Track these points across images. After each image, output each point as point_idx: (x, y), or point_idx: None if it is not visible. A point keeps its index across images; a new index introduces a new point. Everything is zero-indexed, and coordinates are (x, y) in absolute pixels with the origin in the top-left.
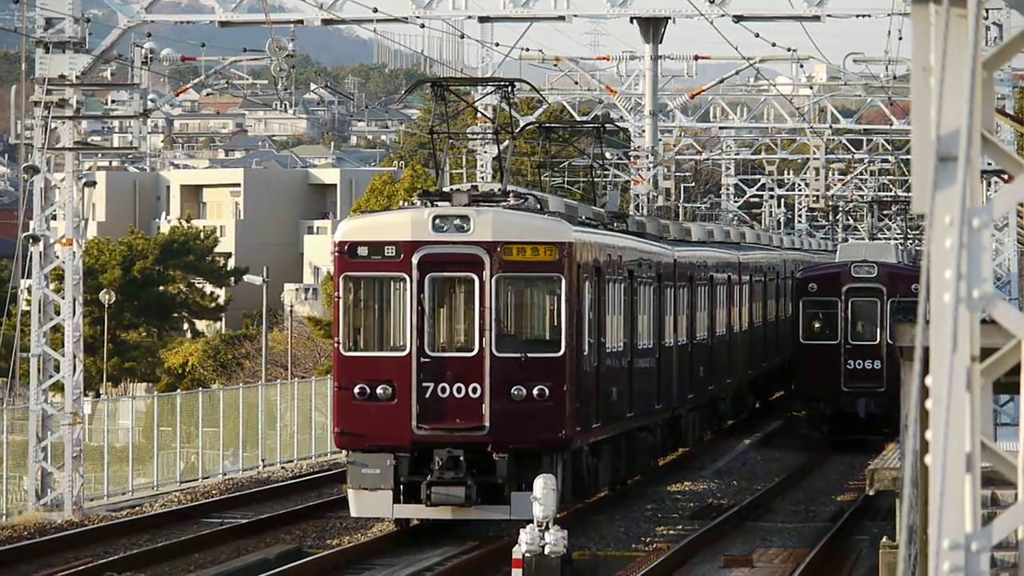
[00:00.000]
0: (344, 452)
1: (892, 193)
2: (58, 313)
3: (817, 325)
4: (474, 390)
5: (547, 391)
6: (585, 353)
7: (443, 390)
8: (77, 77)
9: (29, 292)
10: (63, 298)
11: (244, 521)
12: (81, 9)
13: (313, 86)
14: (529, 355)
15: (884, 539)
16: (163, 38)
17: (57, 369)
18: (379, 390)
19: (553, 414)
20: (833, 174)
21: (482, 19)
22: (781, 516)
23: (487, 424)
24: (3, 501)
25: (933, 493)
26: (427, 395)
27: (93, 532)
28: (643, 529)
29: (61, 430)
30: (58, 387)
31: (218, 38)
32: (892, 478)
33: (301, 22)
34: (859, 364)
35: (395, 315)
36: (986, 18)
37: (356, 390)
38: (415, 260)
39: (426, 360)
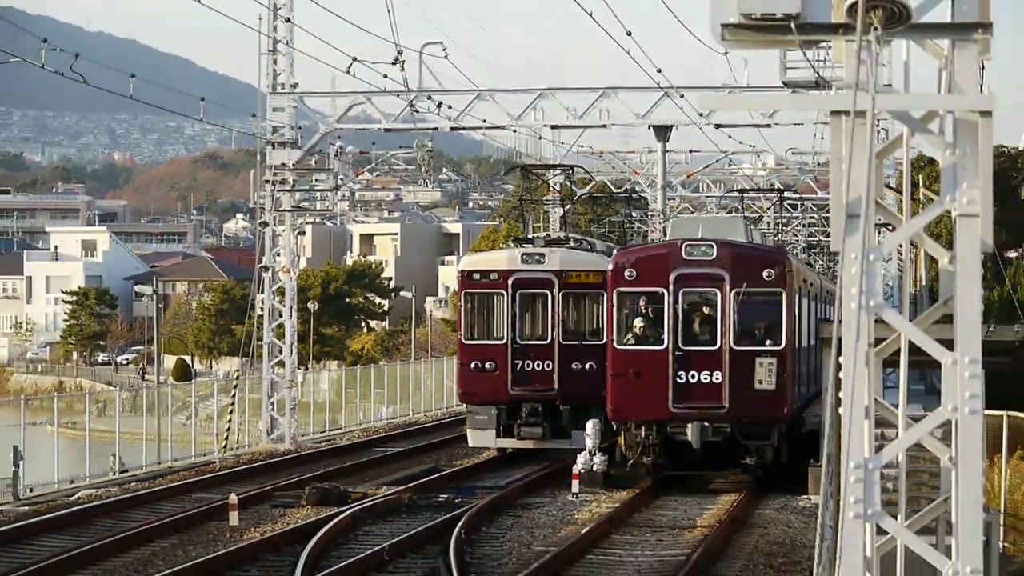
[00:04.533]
0: (464, 405)
1: (817, 239)
2: (280, 316)
3: (637, 325)
4: (548, 365)
5: (595, 365)
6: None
7: (527, 365)
8: (292, 165)
9: (262, 303)
10: (284, 306)
11: (400, 449)
12: (295, 121)
13: (444, 170)
14: (584, 342)
15: (811, 460)
16: (348, 138)
17: (280, 352)
18: (487, 365)
19: (598, 380)
20: (778, 226)
21: (553, 127)
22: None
23: (556, 387)
24: (247, 437)
25: (844, 432)
26: (517, 368)
27: (303, 456)
28: None
29: (283, 391)
30: (280, 364)
31: (384, 138)
32: (817, 423)
33: (436, 128)
34: (692, 377)
35: (497, 317)
36: (877, 125)
37: (472, 365)
38: (510, 281)
39: (517, 346)
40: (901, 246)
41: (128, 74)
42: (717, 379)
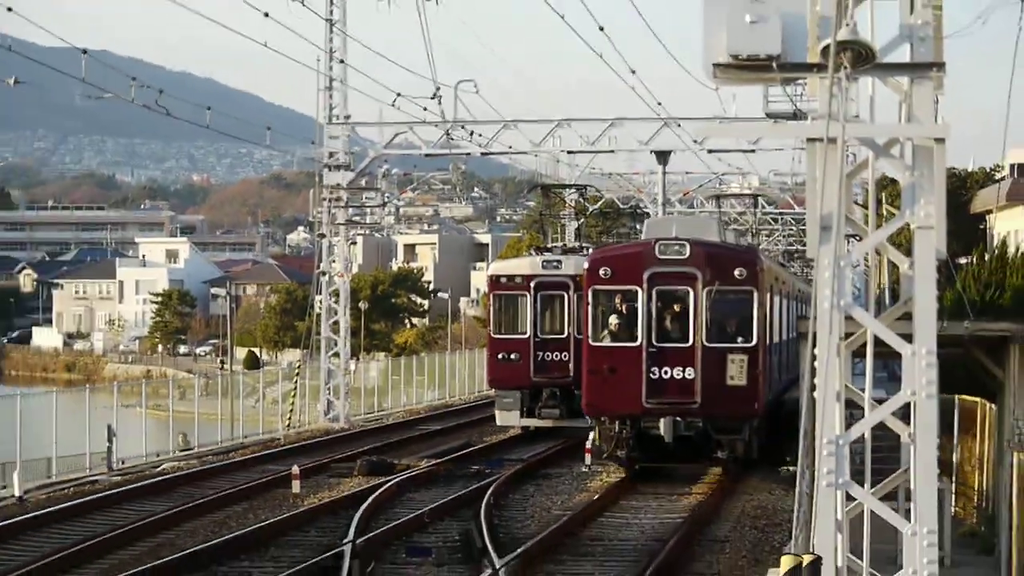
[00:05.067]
0: (493, 390)
1: (796, 247)
2: (336, 314)
3: (611, 322)
4: (564, 356)
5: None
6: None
7: (547, 356)
8: (346, 185)
9: (320, 303)
10: (339, 305)
11: (438, 427)
12: (348, 147)
13: (476, 189)
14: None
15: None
16: (393, 162)
17: (335, 345)
18: (512, 355)
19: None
20: (761, 236)
21: (568, 152)
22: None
23: (571, 375)
24: (307, 417)
25: (818, 412)
26: (539, 359)
27: (355, 434)
28: None
29: (338, 378)
30: (336, 355)
31: (424, 162)
32: (796, 404)
33: (469, 153)
34: (665, 373)
35: (521, 315)
36: (847, 150)
37: (500, 356)
38: (532, 284)
39: (538, 340)
40: (868, 254)
41: (205, 107)
42: (690, 375)
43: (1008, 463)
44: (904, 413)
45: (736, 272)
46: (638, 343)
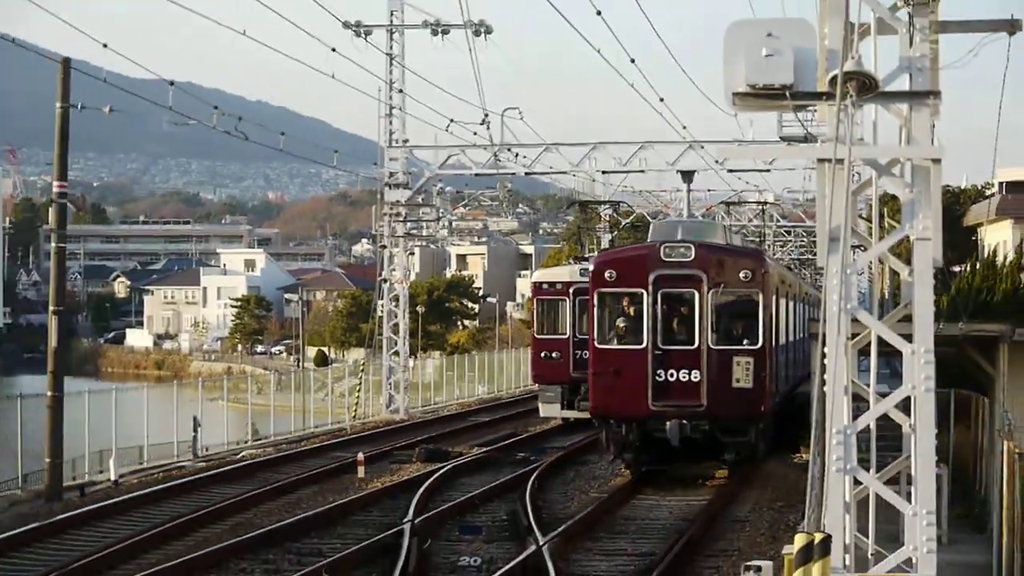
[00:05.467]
0: (536, 384)
1: (807, 256)
2: (396, 317)
3: (618, 324)
4: None
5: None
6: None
7: (585, 354)
8: (404, 202)
9: (382, 307)
10: (398, 309)
11: (487, 419)
12: (406, 168)
13: (520, 205)
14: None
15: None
16: (446, 181)
17: (395, 344)
18: (554, 354)
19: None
20: (776, 246)
21: (603, 172)
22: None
23: None
24: (371, 409)
25: (828, 405)
26: (577, 356)
27: (414, 424)
28: None
29: (398, 374)
30: (396, 353)
31: (474, 181)
32: (807, 399)
33: (514, 173)
34: (671, 375)
35: (561, 318)
36: (853, 170)
37: (542, 354)
38: (571, 290)
39: (576, 339)
40: (871, 263)
41: (279, 132)
42: (695, 377)
43: (999, 450)
44: (905, 406)
45: (741, 274)
46: (643, 345)
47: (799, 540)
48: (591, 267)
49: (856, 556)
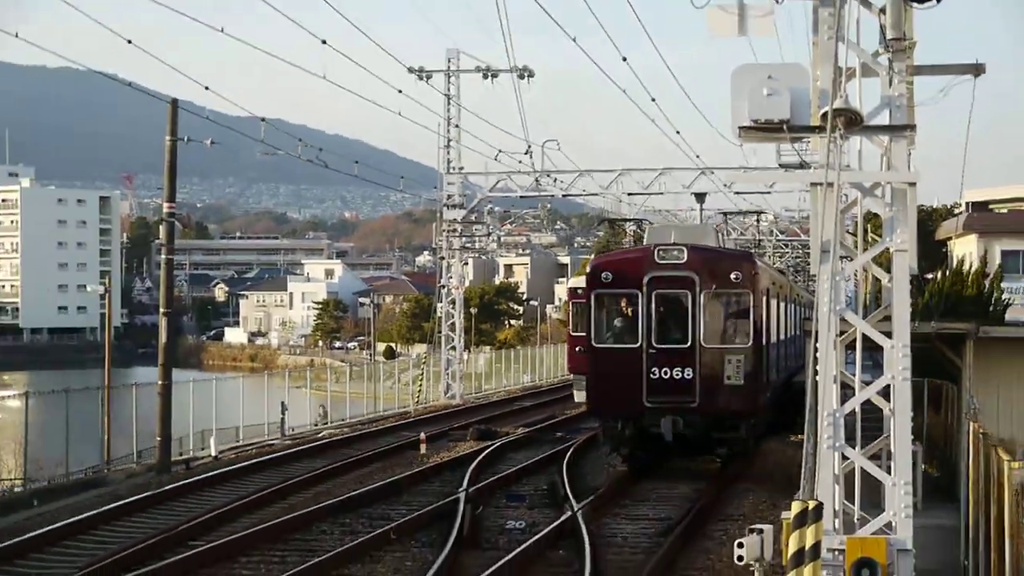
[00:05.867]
0: (572, 375)
1: (802, 265)
2: (452, 317)
3: (614, 324)
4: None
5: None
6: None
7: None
8: (459, 220)
9: (441, 308)
10: (455, 311)
11: (530, 404)
12: (462, 191)
13: (558, 222)
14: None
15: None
16: (495, 202)
17: (452, 340)
18: (582, 349)
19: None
20: (776, 257)
21: (628, 193)
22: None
23: None
24: (431, 395)
25: (820, 392)
26: None
27: (467, 408)
28: None
29: (454, 365)
30: (452, 348)
31: (519, 202)
32: (802, 386)
33: (553, 195)
34: (665, 373)
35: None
36: (841, 192)
37: (577, 348)
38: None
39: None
40: (857, 271)
41: (354, 161)
42: (689, 375)
43: (965, 431)
44: (885, 392)
45: (732, 275)
46: (638, 344)
47: (795, 507)
48: (588, 269)
49: (844, 520)
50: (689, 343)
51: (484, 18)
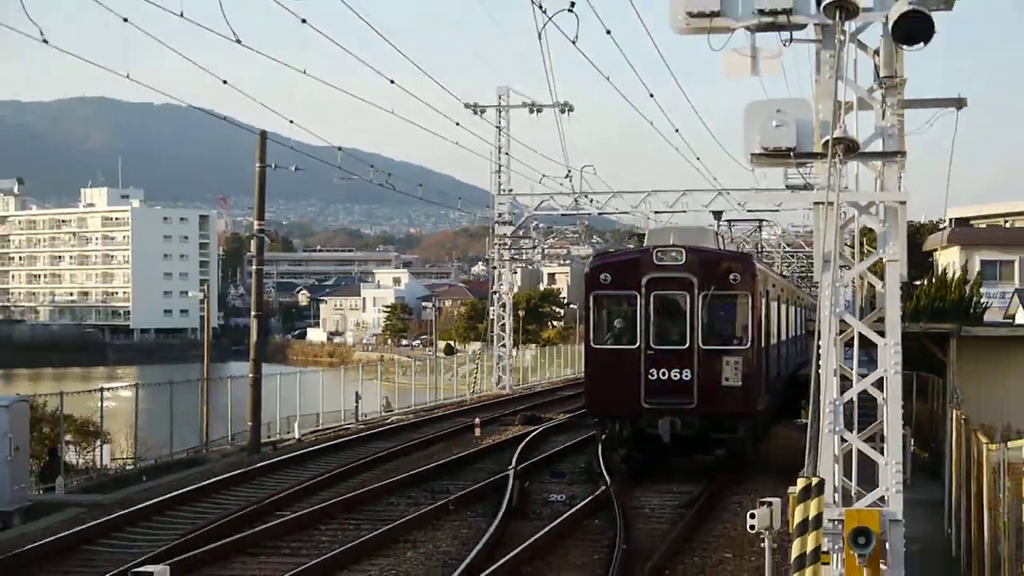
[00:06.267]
0: None
1: (806, 274)
2: (503, 319)
3: (612, 325)
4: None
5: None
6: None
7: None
8: (509, 235)
9: (493, 311)
10: (505, 313)
11: (570, 393)
12: (511, 210)
13: (595, 236)
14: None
15: (803, 401)
16: (540, 219)
17: (503, 338)
18: None
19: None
20: (783, 266)
21: (655, 212)
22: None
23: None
24: (484, 386)
25: (822, 383)
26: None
27: (516, 398)
28: None
29: (505, 360)
30: (503, 345)
31: (561, 219)
32: (807, 378)
33: (590, 213)
34: (663, 374)
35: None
36: (840, 210)
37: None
38: None
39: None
40: (854, 278)
41: (418, 184)
42: (687, 377)
43: (949, 417)
44: (879, 384)
45: (731, 277)
46: (637, 346)
47: (800, 483)
48: (587, 270)
49: (843, 495)
50: (687, 344)
51: (531, 60)
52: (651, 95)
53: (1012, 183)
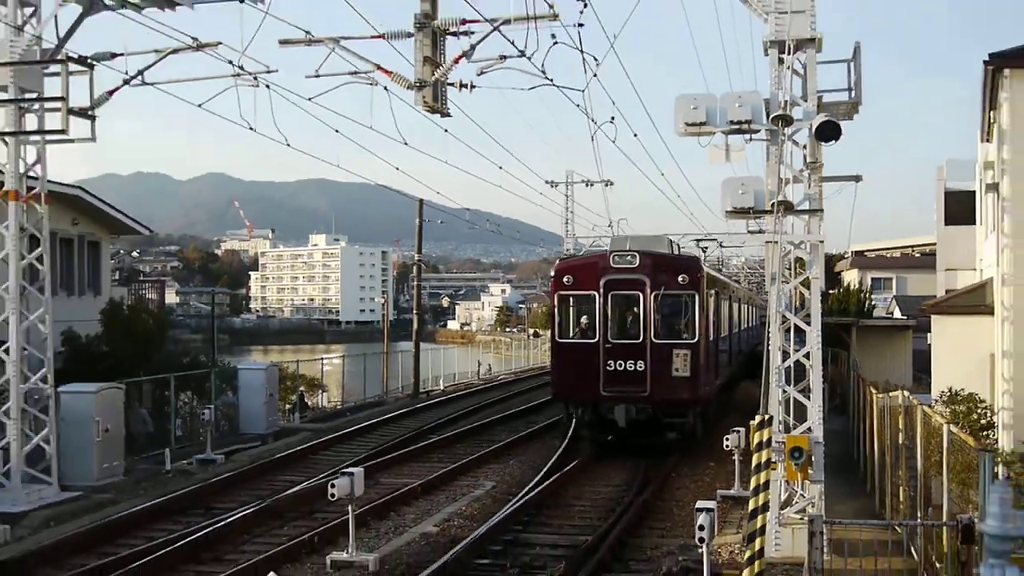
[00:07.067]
0: None
1: (761, 284)
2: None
3: (576, 322)
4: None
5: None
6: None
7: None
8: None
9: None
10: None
11: None
12: (574, 246)
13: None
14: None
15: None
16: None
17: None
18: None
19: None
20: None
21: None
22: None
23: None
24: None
25: (771, 356)
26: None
27: None
28: None
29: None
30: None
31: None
32: (762, 353)
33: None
34: (620, 365)
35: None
36: (782, 247)
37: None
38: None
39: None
40: (791, 289)
41: (517, 231)
42: (640, 367)
43: (852, 376)
44: (807, 356)
45: (680, 278)
46: (596, 340)
47: (758, 418)
48: (552, 273)
49: (785, 426)
50: (641, 339)
51: (586, 151)
52: (662, 173)
53: (888, 227)
